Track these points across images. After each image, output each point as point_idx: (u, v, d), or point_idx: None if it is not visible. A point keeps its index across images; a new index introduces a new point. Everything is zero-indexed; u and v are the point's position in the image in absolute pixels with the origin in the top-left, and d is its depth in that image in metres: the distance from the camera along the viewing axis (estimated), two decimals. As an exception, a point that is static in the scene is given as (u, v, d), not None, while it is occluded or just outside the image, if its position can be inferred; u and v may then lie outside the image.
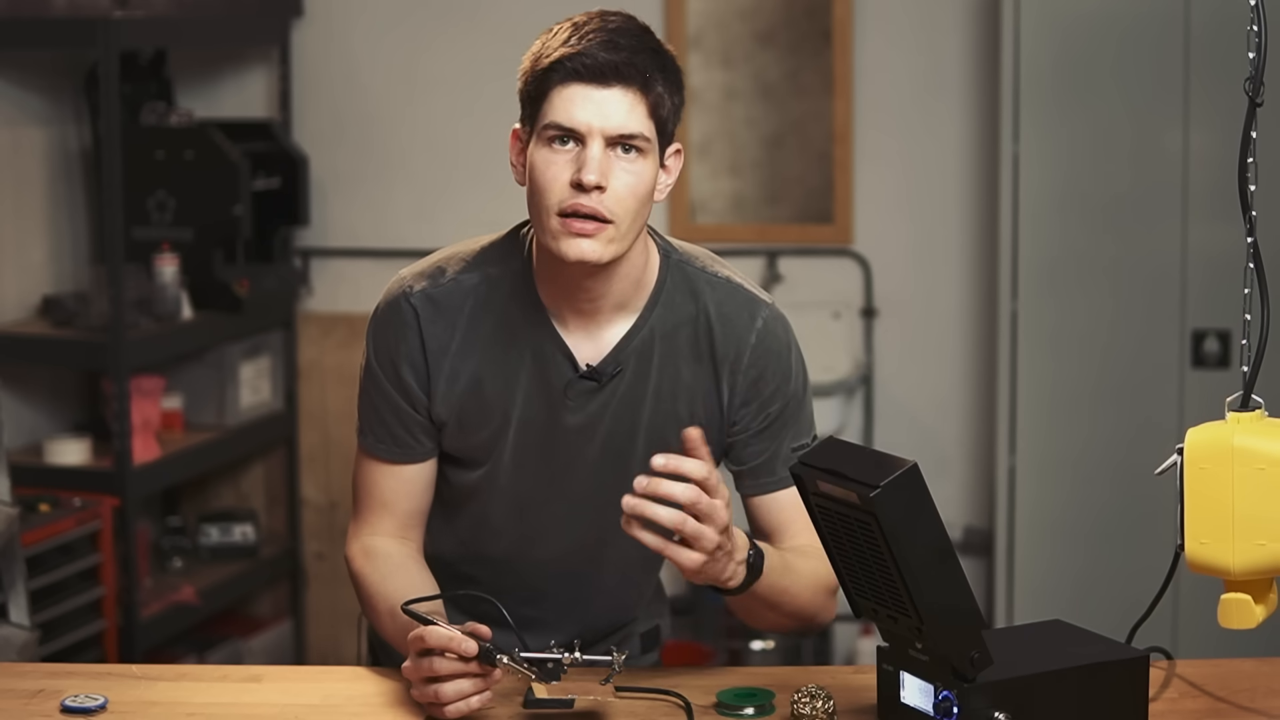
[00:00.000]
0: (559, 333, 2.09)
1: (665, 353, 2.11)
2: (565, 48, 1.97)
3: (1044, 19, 4.04)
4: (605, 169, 1.96)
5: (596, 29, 1.98)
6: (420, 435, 2.15)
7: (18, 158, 4.22)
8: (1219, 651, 2.33)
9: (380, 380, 2.14)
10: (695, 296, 2.12)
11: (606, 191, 1.96)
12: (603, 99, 1.96)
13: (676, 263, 2.13)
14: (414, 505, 2.19)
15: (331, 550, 4.82)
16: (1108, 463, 4.11)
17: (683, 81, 2.05)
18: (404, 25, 4.75)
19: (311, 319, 4.82)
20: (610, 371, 2.09)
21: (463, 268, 2.12)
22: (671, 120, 2.02)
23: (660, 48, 2.02)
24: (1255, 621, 1.82)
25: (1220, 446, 1.78)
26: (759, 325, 2.12)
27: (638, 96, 1.97)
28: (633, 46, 1.97)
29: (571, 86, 1.96)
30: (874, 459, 1.74)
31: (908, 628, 1.77)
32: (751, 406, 2.13)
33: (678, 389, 2.12)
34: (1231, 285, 1.94)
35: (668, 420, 2.11)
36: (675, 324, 2.11)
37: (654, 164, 2.01)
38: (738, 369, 2.11)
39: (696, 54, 4.64)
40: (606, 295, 2.07)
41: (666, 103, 2.00)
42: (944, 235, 4.58)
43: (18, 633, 3.23)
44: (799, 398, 2.16)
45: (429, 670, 1.89)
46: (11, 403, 4.02)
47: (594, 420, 2.11)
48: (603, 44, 1.96)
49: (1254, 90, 1.79)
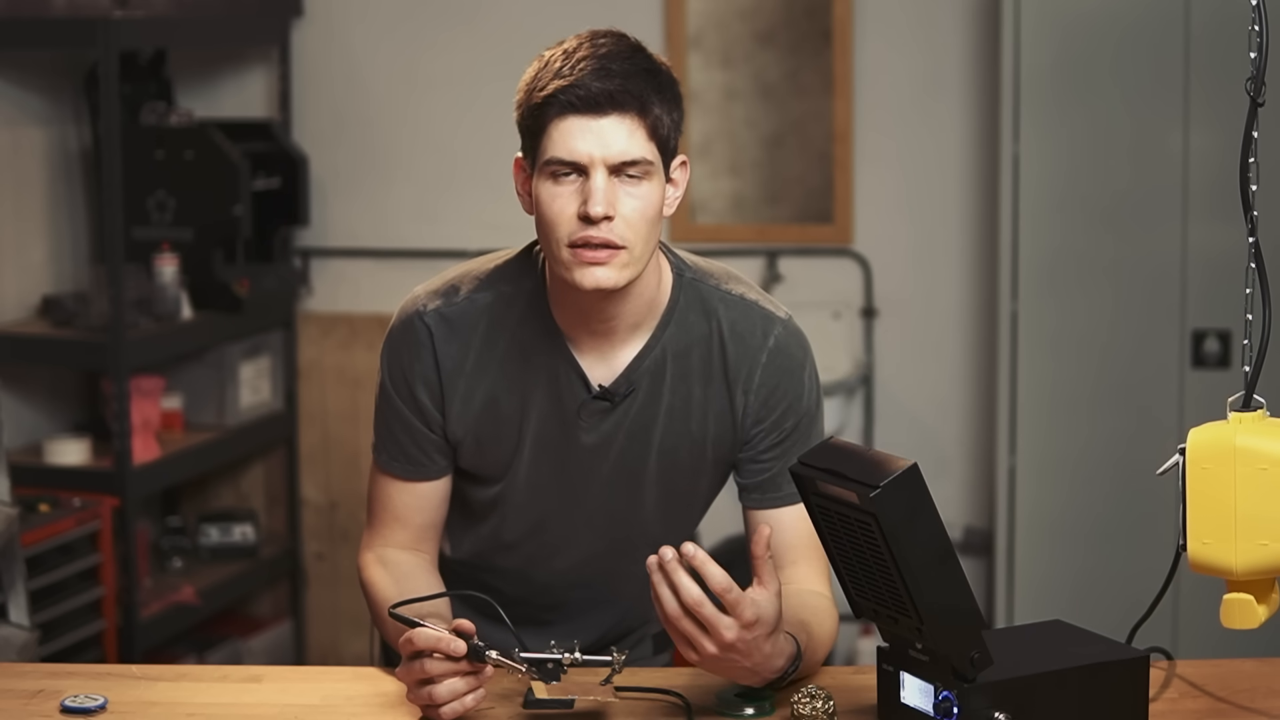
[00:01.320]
0: (572, 354, 2.09)
1: (677, 372, 2.11)
2: (558, 80, 1.95)
3: (1044, 19, 4.04)
4: (611, 198, 1.95)
5: (587, 55, 1.96)
6: (434, 454, 2.15)
7: (18, 158, 4.22)
8: (1219, 651, 2.32)
9: (394, 400, 2.14)
10: (708, 315, 2.11)
11: (615, 219, 1.95)
12: (601, 128, 1.94)
13: (690, 281, 2.12)
14: (428, 519, 2.19)
15: (331, 550, 4.82)
16: (1108, 463, 4.11)
17: (680, 94, 2.03)
18: (404, 25, 4.75)
19: (311, 319, 4.81)
20: (623, 392, 2.09)
21: (476, 286, 2.12)
22: (673, 136, 2.01)
23: (653, 65, 2.00)
24: (1258, 622, 1.82)
25: (1222, 446, 1.78)
26: (771, 344, 2.11)
27: (636, 121, 1.96)
28: (625, 71, 1.95)
29: (568, 119, 1.95)
30: (874, 459, 1.74)
31: (908, 628, 1.77)
32: (764, 424, 2.13)
33: (690, 408, 2.12)
34: (1232, 285, 1.94)
35: (680, 439, 2.12)
36: (688, 343, 2.11)
37: (659, 184, 2.00)
38: (749, 387, 2.11)
39: (696, 54, 4.64)
40: (620, 317, 2.07)
41: (665, 121, 1.99)
42: (944, 235, 4.58)
43: (18, 633, 3.23)
44: (811, 415, 2.15)
45: (420, 672, 1.89)
46: (11, 403, 4.02)
47: (607, 439, 2.11)
48: (595, 72, 1.94)
49: (1255, 90, 1.79)
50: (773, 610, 1.85)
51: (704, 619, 1.82)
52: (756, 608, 1.83)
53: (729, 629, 1.82)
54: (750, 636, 1.83)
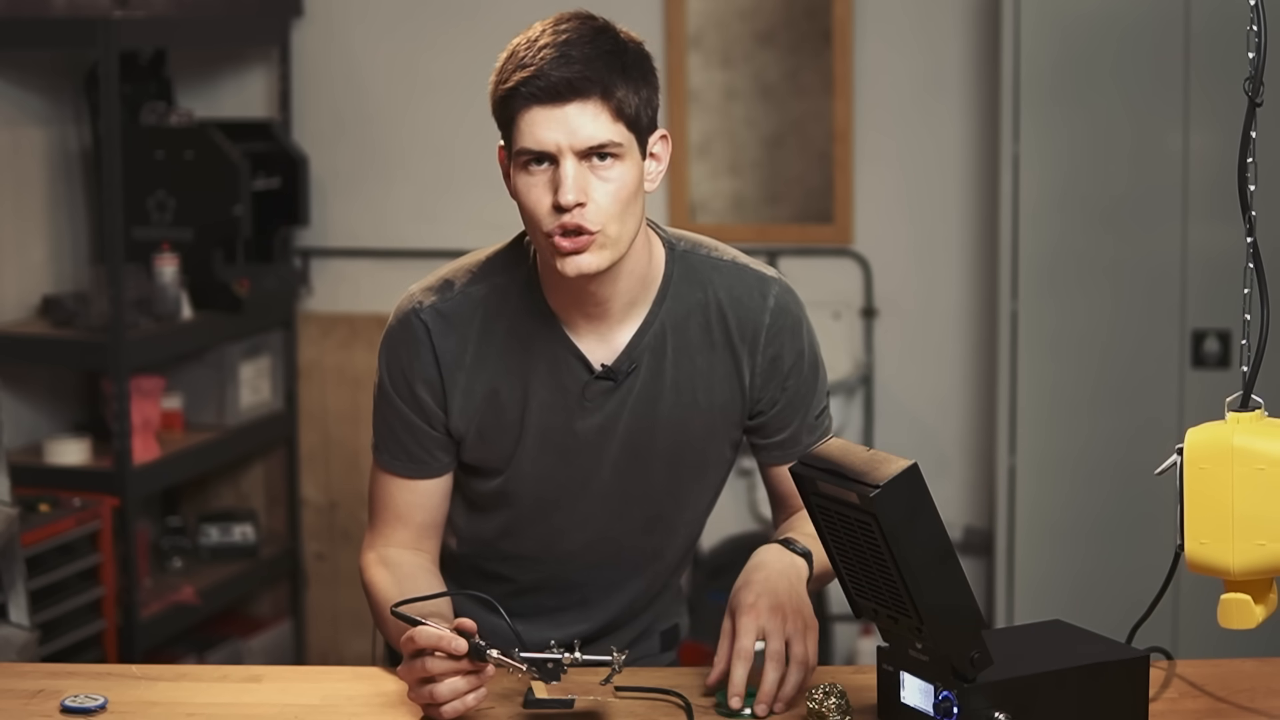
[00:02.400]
0: (570, 337, 2.10)
1: (678, 344, 2.12)
2: (520, 70, 1.97)
3: (1044, 19, 4.04)
4: (582, 184, 1.95)
5: (548, 44, 1.97)
6: (436, 451, 2.15)
7: (18, 158, 4.22)
8: (1219, 651, 2.33)
9: (394, 399, 2.14)
10: (703, 284, 2.12)
11: (587, 205, 1.96)
12: (565, 116, 1.95)
13: (682, 253, 2.14)
14: (429, 518, 2.19)
15: (331, 550, 4.82)
16: (1108, 463, 4.11)
17: (651, 68, 2.03)
18: (404, 25, 4.75)
19: (311, 319, 4.82)
20: (625, 369, 2.10)
21: (469, 280, 2.12)
22: (644, 113, 2.01)
23: (618, 44, 1.99)
24: (1255, 622, 1.82)
25: (1220, 446, 1.78)
26: (772, 304, 2.13)
27: (600, 105, 1.96)
28: (586, 56, 1.96)
29: (533, 110, 1.96)
30: (874, 459, 1.74)
31: (908, 628, 1.77)
32: (773, 383, 2.15)
33: (695, 378, 2.13)
34: (1231, 285, 1.94)
35: (687, 411, 2.13)
36: (685, 314, 2.12)
37: (635, 162, 2.00)
38: (756, 349, 2.13)
39: (696, 54, 4.64)
40: (614, 297, 2.08)
41: (632, 100, 1.98)
42: (944, 235, 4.58)
43: (18, 633, 3.23)
44: (815, 365, 2.18)
45: (422, 671, 1.90)
46: (11, 403, 4.02)
47: (612, 419, 2.12)
48: (554, 60, 1.95)
49: (1254, 90, 1.79)
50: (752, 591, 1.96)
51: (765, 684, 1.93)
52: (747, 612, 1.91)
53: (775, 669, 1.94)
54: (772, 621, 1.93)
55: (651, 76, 2.03)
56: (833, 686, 1.89)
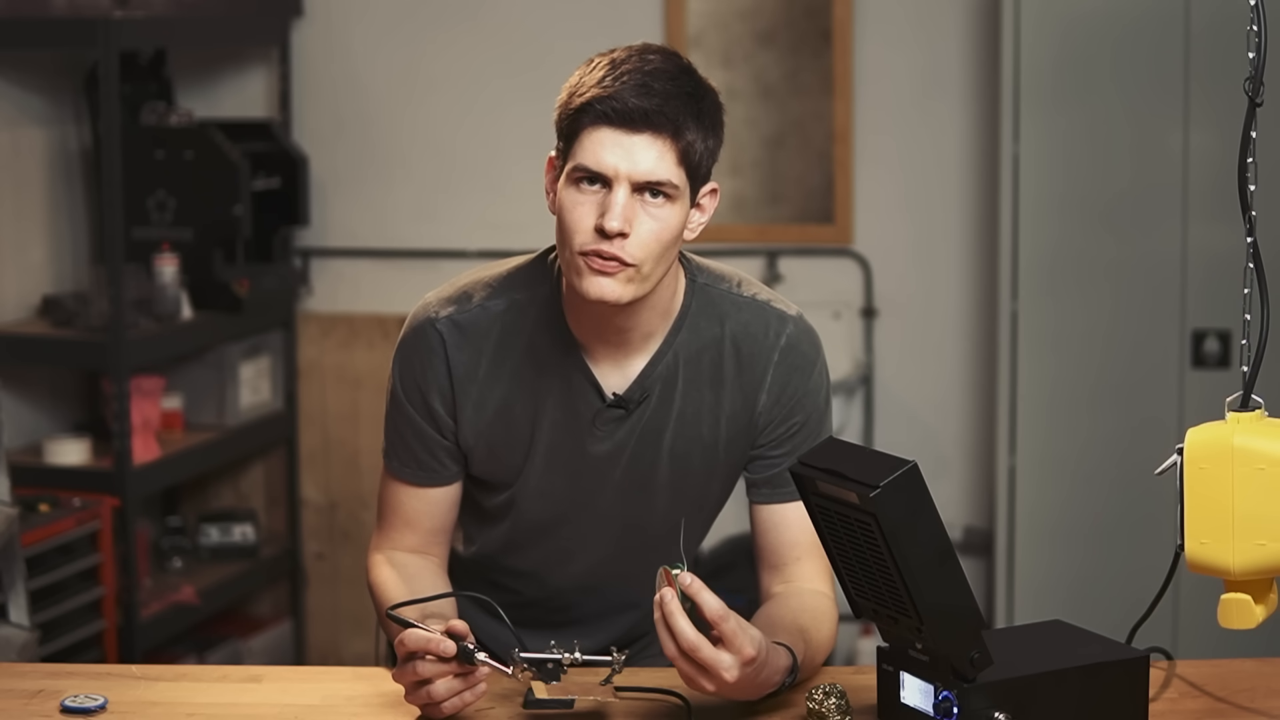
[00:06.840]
0: (586, 363, 2.09)
1: (689, 377, 2.11)
2: (598, 88, 1.94)
3: (1044, 19, 4.04)
4: (629, 215, 1.94)
5: (632, 70, 1.95)
6: (446, 460, 2.15)
7: (18, 158, 4.22)
8: (1219, 651, 2.33)
9: (405, 407, 2.13)
10: (720, 319, 2.11)
11: (630, 237, 1.94)
12: (631, 145, 1.93)
13: (702, 286, 2.12)
14: (438, 524, 2.19)
15: (331, 550, 4.82)
16: (1108, 463, 4.11)
17: (721, 120, 2.01)
18: (404, 25, 4.75)
19: (311, 319, 4.82)
20: (637, 399, 2.09)
21: (489, 293, 2.11)
22: (705, 163, 2.00)
23: (698, 89, 1.98)
24: (1255, 622, 1.82)
25: (1220, 446, 1.78)
26: (783, 342, 2.12)
27: (667, 144, 1.94)
28: (666, 92, 1.94)
29: (601, 130, 1.94)
30: (874, 459, 1.74)
31: (908, 628, 1.77)
32: (776, 421, 2.13)
33: (701, 412, 2.12)
34: (1231, 285, 1.94)
35: (692, 444, 2.12)
36: (699, 348, 2.11)
37: (683, 208, 1.99)
38: (763, 385, 2.12)
39: (696, 54, 4.63)
40: (633, 329, 2.07)
41: (699, 148, 1.97)
42: (944, 235, 4.58)
43: (17, 633, 3.23)
44: (820, 412, 2.16)
45: (413, 674, 1.90)
46: (11, 403, 4.02)
47: (619, 447, 2.12)
48: (635, 88, 1.93)
49: (1254, 90, 1.79)
50: (764, 643, 1.85)
51: (702, 661, 1.81)
52: (755, 642, 1.83)
53: (729, 670, 1.82)
54: (751, 671, 1.83)
55: (720, 128, 2.02)
56: (832, 686, 1.89)
